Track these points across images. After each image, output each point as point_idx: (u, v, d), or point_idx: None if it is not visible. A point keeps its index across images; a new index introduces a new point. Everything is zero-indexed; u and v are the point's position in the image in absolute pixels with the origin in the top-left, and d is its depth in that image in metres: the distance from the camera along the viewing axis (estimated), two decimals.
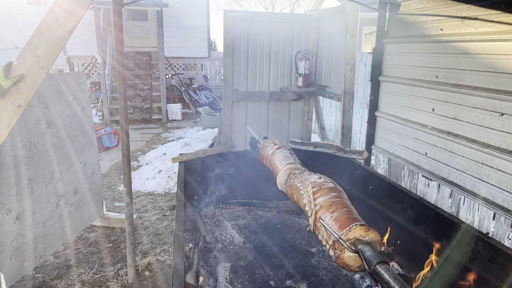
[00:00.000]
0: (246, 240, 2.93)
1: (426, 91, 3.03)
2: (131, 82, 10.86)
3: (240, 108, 5.05)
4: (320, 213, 1.86)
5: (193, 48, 13.33)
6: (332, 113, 8.00)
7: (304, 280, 2.40)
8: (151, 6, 10.50)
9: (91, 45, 10.74)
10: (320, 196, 1.95)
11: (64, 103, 3.25)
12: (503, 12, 2.33)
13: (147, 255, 3.65)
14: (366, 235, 1.63)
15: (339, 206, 1.83)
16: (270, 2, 29.59)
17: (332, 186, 2.04)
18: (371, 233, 1.63)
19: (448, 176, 2.83)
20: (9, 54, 11.26)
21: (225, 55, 4.73)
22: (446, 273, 2.06)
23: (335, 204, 1.85)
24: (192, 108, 12.13)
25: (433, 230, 2.26)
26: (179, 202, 2.36)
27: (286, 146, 2.92)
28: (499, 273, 1.79)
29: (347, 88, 4.10)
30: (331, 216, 1.78)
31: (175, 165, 5.75)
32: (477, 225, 3.76)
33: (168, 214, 4.64)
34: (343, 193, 2.00)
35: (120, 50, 2.93)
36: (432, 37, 2.96)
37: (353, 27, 3.96)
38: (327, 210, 1.83)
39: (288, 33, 4.93)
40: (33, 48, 1.73)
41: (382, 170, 5.32)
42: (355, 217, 1.73)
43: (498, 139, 2.39)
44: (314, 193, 1.99)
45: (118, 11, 2.82)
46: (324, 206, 1.87)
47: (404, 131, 3.31)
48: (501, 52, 2.35)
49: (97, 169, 3.85)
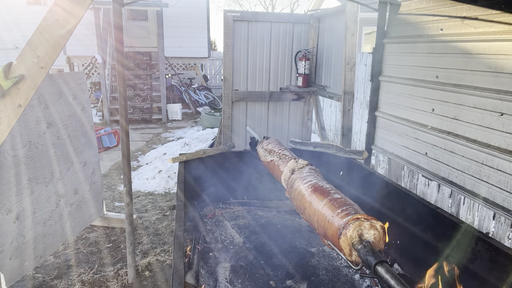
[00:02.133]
0: (246, 240, 2.92)
1: (426, 91, 3.03)
2: (131, 82, 10.85)
3: (240, 108, 5.05)
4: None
5: (193, 48, 13.34)
6: (332, 113, 8.00)
7: (304, 280, 2.40)
8: (151, 6, 10.50)
9: (91, 45, 10.74)
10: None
11: (64, 103, 3.25)
12: (503, 12, 2.33)
13: (147, 255, 3.65)
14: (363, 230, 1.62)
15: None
16: (270, 2, 29.61)
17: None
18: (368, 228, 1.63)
19: (448, 176, 2.83)
20: (9, 54, 11.26)
21: (225, 55, 4.73)
22: (446, 273, 2.06)
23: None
24: (192, 108, 12.13)
25: (433, 230, 2.26)
26: (179, 202, 2.36)
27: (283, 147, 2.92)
28: (499, 273, 1.79)
29: (347, 88, 4.10)
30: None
31: (175, 165, 5.75)
32: (477, 225, 3.76)
33: (168, 214, 4.64)
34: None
35: (120, 50, 2.93)
36: (432, 37, 2.96)
37: (353, 27, 3.96)
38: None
39: (288, 33, 4.93)
40: (33, 48, 1.73)
41: (382, 170, 5.32)
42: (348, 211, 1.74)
43: (498, 139, 2.39)
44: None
45: (118, 11, 2.82)
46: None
47: (404, 131, 3.31)
48: (501, 52, 2.35)
49: (97, 169, 3.85)
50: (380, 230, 1.63)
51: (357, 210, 1.72)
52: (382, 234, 1.63)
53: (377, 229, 1.62)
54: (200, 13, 13.24)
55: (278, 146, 2.86)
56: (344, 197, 1.89)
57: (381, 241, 1.62)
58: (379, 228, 1.63)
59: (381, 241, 1.62)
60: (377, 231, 1.62)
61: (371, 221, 1.62)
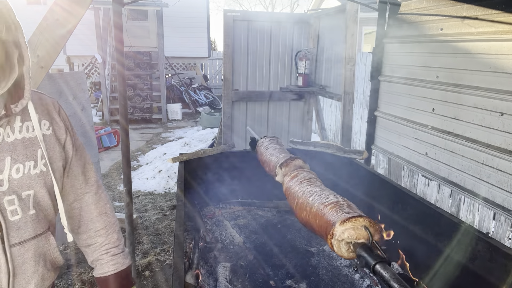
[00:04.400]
0: (246, 239, 2.93)
1: (426, 91, 3.03)
2: (131, 82, 10.86)
3: (240, 108, 5.05)
4: None
5: (193, 48, 13.35)
6: (332, 113, 8.00)
7: (304, 280, 2.40)
8: (151, 6, 10.51)
9: (91, 45, 10.74)
10: None
11: (64, 103, 3.25)
12: (503, 12, 2.33)
13: (147, 255, 3.65)
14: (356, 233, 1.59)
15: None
16: (270, 2, 29.61)
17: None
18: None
19: (448, 176, 2.83)
20: None
21: (225, 55, 4.73)
22: (446, 273, 2.07)
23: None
24: (192, 108, 12.14)
25: (433, 230, 2.26)
26: (179, 202, 2.36)
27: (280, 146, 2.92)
28: (499, 273, 1.79)
29: (347, 88, 4.10)
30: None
31: (175, 165, 5.75)
32: (477, 225, 3.76)
33: (168, 214, 4.64)
34: None
35: (120, 50, 2.94)
36: (432, 37, 2.96)
37: (353, 27, 3.96)
38: None
39: (288, 33, 4.93)
40: (33, 48, 1.73)
41: (382, 170, 5.32)
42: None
43: (498, 139, 2.39)
44: None
45: (118, 11, 2.82)
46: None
47: (404, 131, 3.31)
48: (501, 52, 2.35)
49: (97, 169, 3.86)
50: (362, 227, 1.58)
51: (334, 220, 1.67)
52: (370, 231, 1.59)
53: (357, 228, 1.58)
54: (200, 13, 13.25)
55: (275, 146, 2.86)
56: (335, 200, 1.84)
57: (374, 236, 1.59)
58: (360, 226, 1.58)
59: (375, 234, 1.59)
60: (357, 230, 1.58)
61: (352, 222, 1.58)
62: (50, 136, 1.16)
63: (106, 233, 1.34)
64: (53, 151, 1.16)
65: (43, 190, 1.13)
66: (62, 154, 1.20)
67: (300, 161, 2.47)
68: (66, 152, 1.22)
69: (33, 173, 1.09)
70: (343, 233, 1.57)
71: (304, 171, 2.29)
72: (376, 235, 1.59)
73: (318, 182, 2.14)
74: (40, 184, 1.11)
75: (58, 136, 1.19)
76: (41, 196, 1.13)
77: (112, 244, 1.34)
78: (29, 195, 1.09)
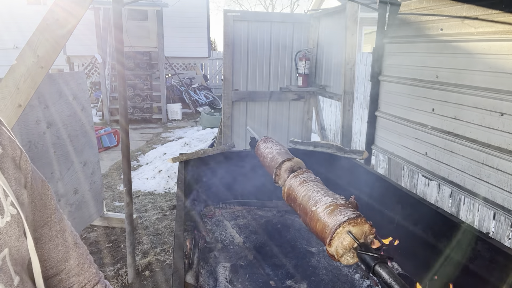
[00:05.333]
0: (246, 240, 2.93)
1: (426, 91, 3.03)
2: (131, 82, 10.86)
3: (240, 108, 5.05)
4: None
5: (193, 48, 13.34)
6: (332, 113, 8.00)
7: (304, 280, 2.40)
8: (151, 6, 10.50)
9: (91, 45, 10.74)
10: None
11: (64, 103, 3.25)
12: (503, 12, 2.33)
13: (147, 255, 3.65)
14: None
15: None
16: (270, 2, 29.60)
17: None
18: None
19: (448, 176, 2.83)
20: (9, 54, 11.26)
21: (225, 55, 4.73)
22: (446, 273, 2.06)
23: None
24: (192, 108, 12.13)
25: (433, 230, 2.26)
26: (179, 202, 2.36)
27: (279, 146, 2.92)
28: (499, 273, 1.79)
29: (347, 88, 4.10)
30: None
31: (175, 165, 5.75)
32: (477, 225, 3.76)
33: (168, 214, 4.64)
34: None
35: (120, 50, 2.93)
36: (432, 37, 2.96)
37: (353, 27, 3.96)
38: None
39: (288, 33, 4.93)
40: (33, 48, 1.73)
41: (382, 170, 5.32)
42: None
43: (498, 139, 2.39)
44: None
45: (118, 11, 2.82)
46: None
47: (404, 131, 3.31)
48: (501, 52, 2.35)
49: (97, 169, 3.85)
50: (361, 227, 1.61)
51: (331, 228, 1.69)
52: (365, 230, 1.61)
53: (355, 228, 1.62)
54: (200, 13, 13.25)
55: (273, 147, 2.86)
56: (333, 203, 1.85)
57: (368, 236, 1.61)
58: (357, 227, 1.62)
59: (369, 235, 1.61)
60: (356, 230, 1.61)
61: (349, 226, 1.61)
62: (2, 157, 0.76)
63: (81, 271, 0.99)
64: (12, 178, 0.77)
65: (20, 241, 0.76)
66: (20, 179, 0.81)
67: (296, 161, 2.48)
68: (24, 172, 0.83)
69: (1, 225, 0.71)
70: (339, 249, 1.60)
71: (294, 178, 2.27)
72: (366, 233, 1.60)
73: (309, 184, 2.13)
74: (15, 235, 0.74)
75: (9, 152, 0.80)
76: (22, 251, 0.77)
77: (93, 281, 1.01)
78: (4, 257, 0.72)
